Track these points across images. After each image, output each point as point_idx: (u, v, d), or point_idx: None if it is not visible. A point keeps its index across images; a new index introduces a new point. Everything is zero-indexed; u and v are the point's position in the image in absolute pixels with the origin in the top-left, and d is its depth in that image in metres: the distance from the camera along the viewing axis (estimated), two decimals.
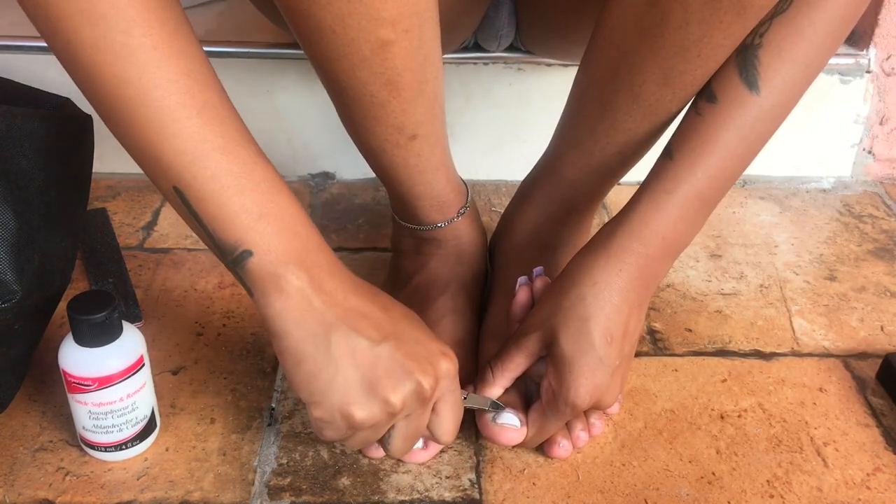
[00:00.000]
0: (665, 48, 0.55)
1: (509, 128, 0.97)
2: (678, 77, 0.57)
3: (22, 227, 0.58)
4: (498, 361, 0.62)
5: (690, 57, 0.55)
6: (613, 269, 0.59)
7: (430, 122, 0.60)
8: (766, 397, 0.71)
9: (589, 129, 0.65)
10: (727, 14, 0.52)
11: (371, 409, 0.52)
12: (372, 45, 0.51)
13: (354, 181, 1.00)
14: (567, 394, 0.58)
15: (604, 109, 0.62)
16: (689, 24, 0.53)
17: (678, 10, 0.53)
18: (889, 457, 0.66)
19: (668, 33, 0.54)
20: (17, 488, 0.60)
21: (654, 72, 0.57)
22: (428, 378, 0.53)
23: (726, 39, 0.54)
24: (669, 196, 0.58)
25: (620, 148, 0.64)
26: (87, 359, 0.57)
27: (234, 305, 0.79)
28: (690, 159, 0.58)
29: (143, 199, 0.95)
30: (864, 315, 0.81)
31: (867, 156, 1.02)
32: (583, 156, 0.67)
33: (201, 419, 0.67)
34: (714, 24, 0.53)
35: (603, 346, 0.58)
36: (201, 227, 0.50)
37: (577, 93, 0.66)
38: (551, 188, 0.71)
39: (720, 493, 0.62)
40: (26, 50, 0.91)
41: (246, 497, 0.61)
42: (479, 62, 0.93)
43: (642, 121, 0.61)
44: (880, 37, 0.96)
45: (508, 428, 0.62)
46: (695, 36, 0.54)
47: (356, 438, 0.55)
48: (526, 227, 0.73)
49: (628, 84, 0.59)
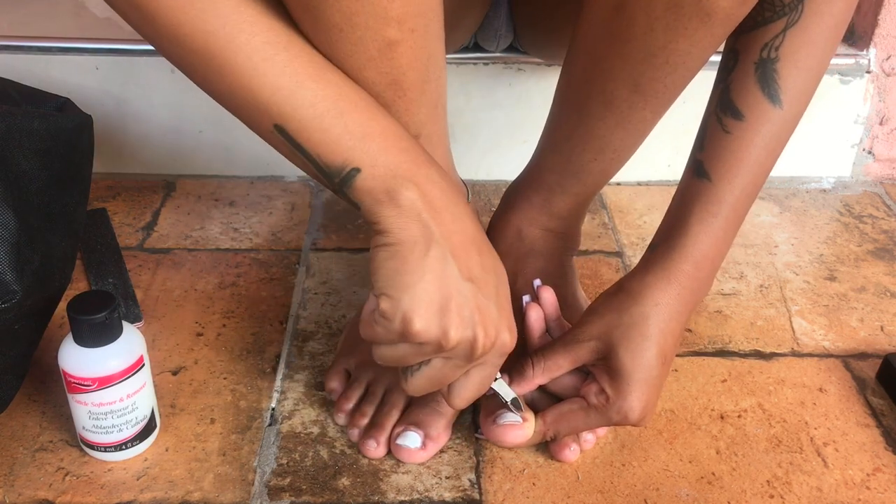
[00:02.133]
0: (633, 54, 0.56)
1: (509, 128, 0.97)
2: (648, 84, 0.57)
3: (22, 227, 0.58)
4: (541, 359, 0.63)
5: (658, 63, 0.56)
6: (673, 292, 0.60)
7: (433, 122, 0.60)
8: (766, 397, 0.71)
9: (566, 135, 0.65)
10: (691, 21, 0.53)
11: (430, 328, 0.51)
12: (378, 45, 0.51)
13: None
14: (622, 404, 0.59)
15: (579, 116, 0.63)
16: (653, 29, 0.54)
17: (642, 15, 0.53)
18: (889, 457, 0.66)
19: (634, 39, 0.55)
20: (17, 488, 0.60)
21: (625, 78, 0.58)
22: (488, 339, 0.53)
23: (693, 47, 0.55)
24: (716, 219, 0.60)
25: (596, 155, 0.65)
26: (87, 359, 0.58)
27: (234, 305, 0.79)
28: (727, 179, 0.59)
29: (143, 199, 0.95)
30: (864, 315, 0.81)
31: (867, 156, 1.02)
32: (562, 162, 0.68)
33: (201, 419, 0.67)
34: (679, 30, 0.53)
35: (657, 365, 0.60)
36: (306, 158, 0.51)
37: (557, 100, 0.67)
38: (534, 194, 0.71)
39: (720, 494, 0.62)
40: (26, 50, 0.91)
41: (246, 497, 0.61)
42: (479, 62, 0.93)
43: (616, 128, 0.62)
44: (880, 37, 0.96)
45: (512, 425, 0.62)
46: (660, 42, 0.54)
47: (395, 351, 0.54)
48: (511, 233, 0.73)
49: (600, 90, 0.60)
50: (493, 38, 0.84)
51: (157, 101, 0.95)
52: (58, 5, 1.00)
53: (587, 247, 0.89)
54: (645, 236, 0.92)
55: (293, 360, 0.73)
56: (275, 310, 0.79)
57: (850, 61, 0.97)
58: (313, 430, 0.66)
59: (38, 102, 0.66)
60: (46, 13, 0.98)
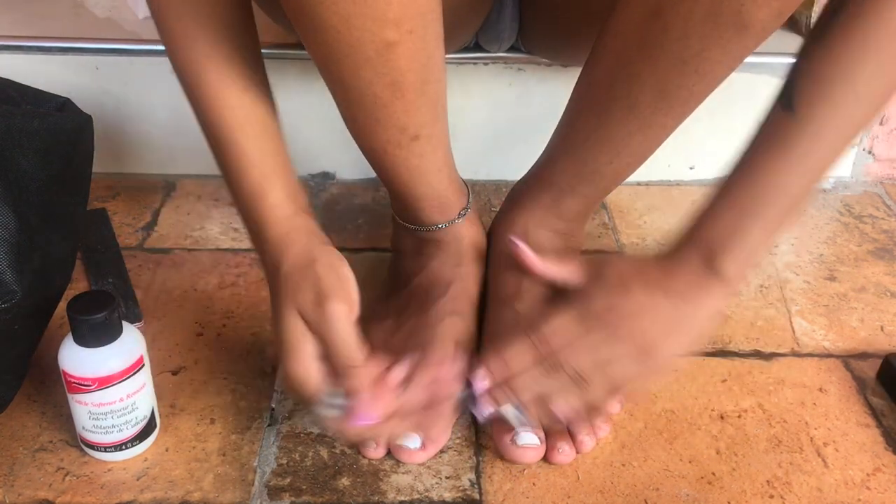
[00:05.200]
0: (663, 60, 0.55)
1: (509, 128, 0.97)
2: (675, 91, 0.57)
3: (22, 227, 0.58)
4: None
5: (688, 71, 0.55)
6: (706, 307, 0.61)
7: (433, 123, 0.60)
8: (766, 397, 0.71)
9: (584, 137, 0.65)
10: (727, 30, 0.52)
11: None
12: (376, 46, 0.51)
13: (354, 181, 1.00)
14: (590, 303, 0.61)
15: (599, 119, 0.63)
16: (688, 37, 0.53)
17: (680, 23, 0.53)
18: (889, 457, 0.66)
19: (667, 45, 0.54)
20: (17, 488, 0.60)
21: (652, 84, 0.57)
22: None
23: (725, 56, 0.54)
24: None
25: (612, 158, 0.64)
26: (87, 359, 0.57)
27: (234, 305, 0.79)
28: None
29: (143, 199, 0.95)
30: (864, 315, 0.81)
31: (867, 156, 1.02)
32: (576, 164, 0.67)
33: (201, 419, 0.67)
34: (714, 39, 0.53)
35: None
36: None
37: (575, 101, 0.66)
38: (542, 194, 0.71)
39: (720, 494, 0.62)
40: (26, 50, 0.91)
41: (246, 497, 0.61)
42: (479, 62, 0.93)
43: (636, 133, 0.61)
44: None
45: (530, 448, 0.62)
46: (693, 50, 0.54)
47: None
48: (517, 233, 0.73)
49: (625, 94, 0.59)
50: (497, 38, 0.84)
51: (157, 101, 0.95)
52: (58, 5, 1.00)
53: (587, 246, 0.89)
54: (645, 236, 0.92)
55: None
56: None
57: None
58: (313, 430, 0.66)
59: (38, 102, 0.66)
60: (46, 13, 0.98)
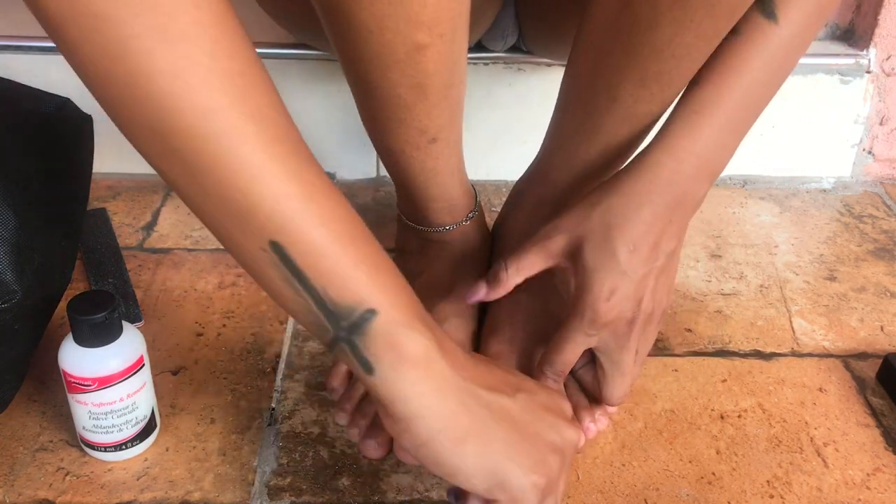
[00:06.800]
0: (638, 49, 0.56)
1: (509, 128, 0.97)
2: (654, 78, 0.57)
3: (22, 227, 0.58)
4: (514, 259, 0.61)
5: (664, 57, 0.55)
6: (644, 181, 0.58)
7: (451, 126, 0.60)
8: (766, 397, 0.71)
9: (572, 131, 0.65)
10: (697, 13, 0.52)
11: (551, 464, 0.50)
12: (407, 48, 0.51)
13: (354, 181, 1.00)
14: (587, 296, 0.58)
15: (585, 112, 0.63)
16: (659, 24, 0.53)
17: (649, 11, 0.53)
18: (889, 457, 0.66)
19: (640, 34, 0.55)
20: (17, 488, 0.60)
21: (631, 73, 0.57)
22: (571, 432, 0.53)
23: (698, 39, 0.54)
24: (699, 116, 0.57)
25: (602, 150, 0.64)
26: (87, 359, 0.57)
27: (234, 305, 0.79)
28: (716, 84, 0.57)
29: (143, 199, 0.95)
30: (864, 315, 0.81)
31: (867, 156, 1.02)
32: (568, 158, 0.67)
33: (201, 419, 0.67)
34: (685, 23, 0.53)
35: (624, 253, 0.57)
36: (306, 290, 0.41)
37: (562, 96, 0.67)
38: (541, 191, 0.71)
39: (720, 494, 0.62)
40: (26, 50, 0.91)
41: (246, 497, 0.61)
42: (479, 62, 0.93)
43: (622, 123, 0.61)
44: (880, 37, 0.96)
45: None
46: (666, 36, 0.54)
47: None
48: (517, 232, 0.73)
49: (606, 85, 0.59)
50: (500, 37, 0.84)
51: None
52: None
53: None
54: None
55: (293, 360, 0.73)
56: (275, 310, 0.79)
57: (850, 61, 0.97)
58: (313, 430, 0.66)
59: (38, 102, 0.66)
60: None
